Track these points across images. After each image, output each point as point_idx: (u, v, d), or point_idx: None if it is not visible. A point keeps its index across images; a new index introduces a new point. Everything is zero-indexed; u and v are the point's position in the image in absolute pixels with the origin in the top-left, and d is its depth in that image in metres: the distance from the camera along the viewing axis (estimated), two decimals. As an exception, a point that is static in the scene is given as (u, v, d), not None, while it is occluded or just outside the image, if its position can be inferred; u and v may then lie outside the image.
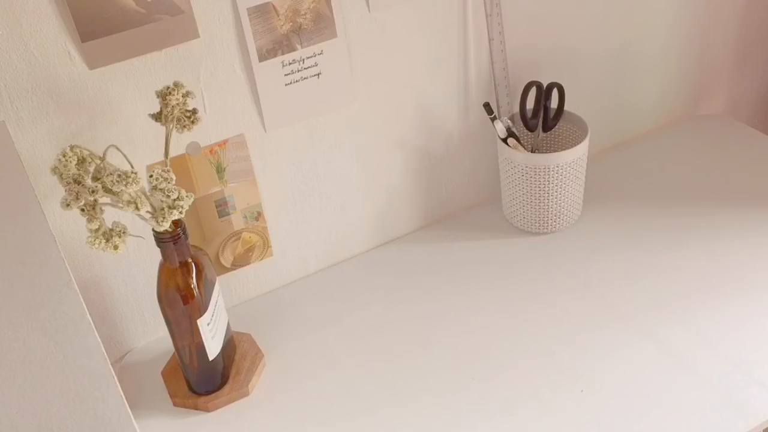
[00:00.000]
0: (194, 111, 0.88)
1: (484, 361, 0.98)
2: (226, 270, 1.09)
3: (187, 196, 0.82)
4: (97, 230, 0.81)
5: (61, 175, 0.79)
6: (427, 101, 1.12)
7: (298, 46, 0.97)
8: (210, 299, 0.92)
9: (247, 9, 0.92)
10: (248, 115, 0.99)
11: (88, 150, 0.81)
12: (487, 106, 1.12)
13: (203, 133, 0.97)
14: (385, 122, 1.10)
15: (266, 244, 1.10)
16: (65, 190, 0.78)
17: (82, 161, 0.80)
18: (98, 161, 0.81)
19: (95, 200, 0.79)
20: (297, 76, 0.99)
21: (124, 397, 0.59)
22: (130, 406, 0.61)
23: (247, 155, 1.02)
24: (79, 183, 0.78)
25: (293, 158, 1.05)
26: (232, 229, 1.06)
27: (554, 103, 1.14)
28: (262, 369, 1.01)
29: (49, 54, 0.84)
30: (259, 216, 1.07)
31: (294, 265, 1.14)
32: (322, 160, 1.08)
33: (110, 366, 0.59)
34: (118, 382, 0.59)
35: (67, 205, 0.78)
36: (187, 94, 0.86)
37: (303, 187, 1.08)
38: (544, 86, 1.12)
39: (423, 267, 1.14)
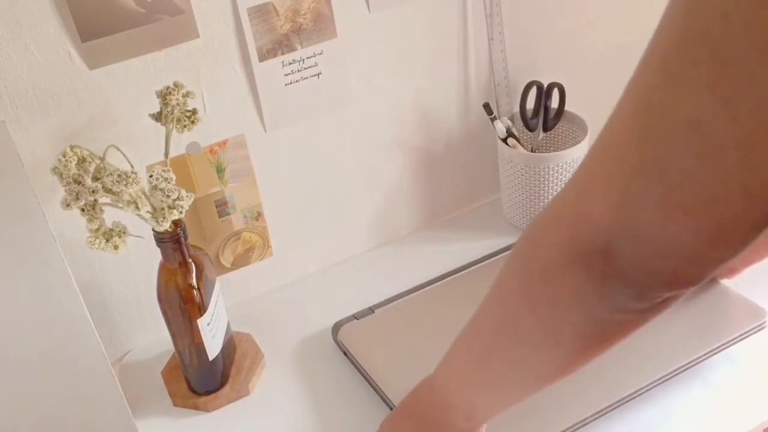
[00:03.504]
0: (194, 111, 0.88)
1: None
2: (226, 270, 1.09)
3: (187, 196, 0.82)
4: (97, 230, 0.81)
5: (61, 175, 0.79)
6: (427, 101, 1.12)
7: (298, 46, 0.97)
8: (210, 299, 0.92)
9: (247, 9, 0.92)
10: (248, 115, 0.99)
11: (88, 150, 0.81)
12: (487, 106, 1.12)
13: (203, 133, 0.97)
14: (385, 122, 1.10)
15: (266, 244, 1.10)
16: (65, 190, 0.78)
17: (82, 161, 0.80)
18: (98, 161, 0.82)
19: (95, 200, 0.79)
20: (297, 76, 0.99)
21: (124, 397, 0.59)
22: (130, 406, 0.61)
23: (247, 155, 1.02)
24: (79, 183, 0.78)
25: (293, 158, 1.05)
26: (232, 229, 1.06)
27: (554, 103, 1.14)
28: (262, 369, 1.01)
29: (49, 54, 0.84)
30: (259, 216, 1.07)
31: (294, 265, 1.14)
32: (322, 159, 1.08)
33: (110, 366, 0.59)
34: (118, 382, 0.59)
35: (67, 205, 0.78)
36: (187, 94, 0.86)
37: (303, 187, 1.08)
38: (545, 86, 1.12)
39: (423, 267, 1.14)
